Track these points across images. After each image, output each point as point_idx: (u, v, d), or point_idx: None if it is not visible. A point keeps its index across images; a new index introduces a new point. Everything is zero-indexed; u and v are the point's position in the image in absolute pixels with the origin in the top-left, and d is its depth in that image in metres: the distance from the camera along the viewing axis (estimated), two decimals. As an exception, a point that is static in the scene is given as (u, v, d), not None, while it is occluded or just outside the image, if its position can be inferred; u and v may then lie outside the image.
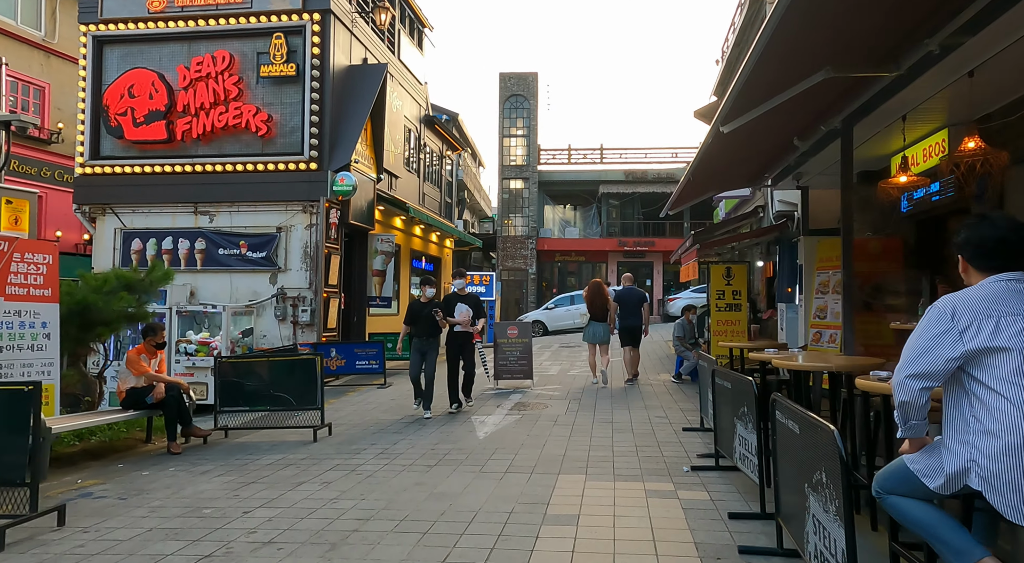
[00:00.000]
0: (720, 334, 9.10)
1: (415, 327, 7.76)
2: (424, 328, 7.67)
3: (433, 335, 7.72)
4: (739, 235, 10.90)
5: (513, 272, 29.60)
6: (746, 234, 10.44)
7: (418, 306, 7.83)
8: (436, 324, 7.56)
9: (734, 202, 13.53)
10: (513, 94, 29.59)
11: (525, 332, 9.89)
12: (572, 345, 17.44)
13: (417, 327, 7.74)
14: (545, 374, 11.46)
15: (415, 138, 16.24)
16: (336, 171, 11.03)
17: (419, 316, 7.68)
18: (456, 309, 7.82)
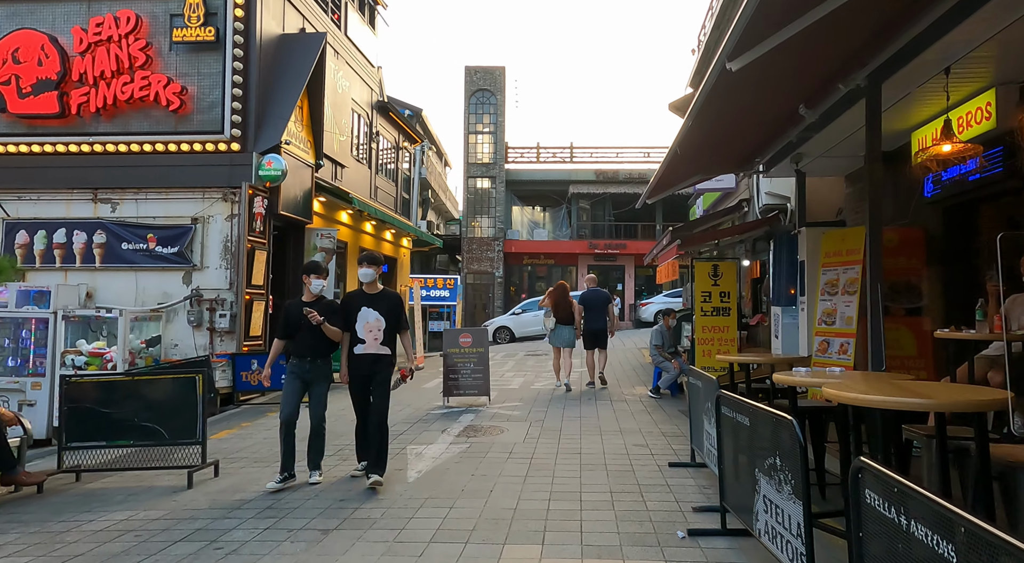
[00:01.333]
0: (706, 343, 7.85)
1: (293, 343, 5.02)
2: (307, 343, 4.92)
3: (321, 353, 5.02)
4: (724, 230, 9.69)
5: (479, 275, 28.18)
6: (733, 229, 9.24)
7: (297, 310, 4.96)
8: (327, 338, 4.93)
9: (715, 196, 12.36)
10: (480, 89, 28.23)
11: (480, 340, 8.47)
12: (539, 353, 16.07)
13: (297, 342, 4.98)
14: (505, 388, 10.05)
15: (366, 125, 14.73)
16: (263, 153, 9.48)
17: (300, 324, 4.92)
18: (361, 317, 4.90)
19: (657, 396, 9.05)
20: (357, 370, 5.02)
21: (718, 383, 3.91)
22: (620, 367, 12.80)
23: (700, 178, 7.60)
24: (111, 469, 5.05)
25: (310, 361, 4.99)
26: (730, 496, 3.54)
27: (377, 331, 4.96)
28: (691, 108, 4.93)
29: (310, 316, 4.81)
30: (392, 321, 5.04)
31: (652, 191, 7.76)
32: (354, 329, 4.96)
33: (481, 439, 6.34)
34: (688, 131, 5.24)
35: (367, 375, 5.01)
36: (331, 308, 5.07)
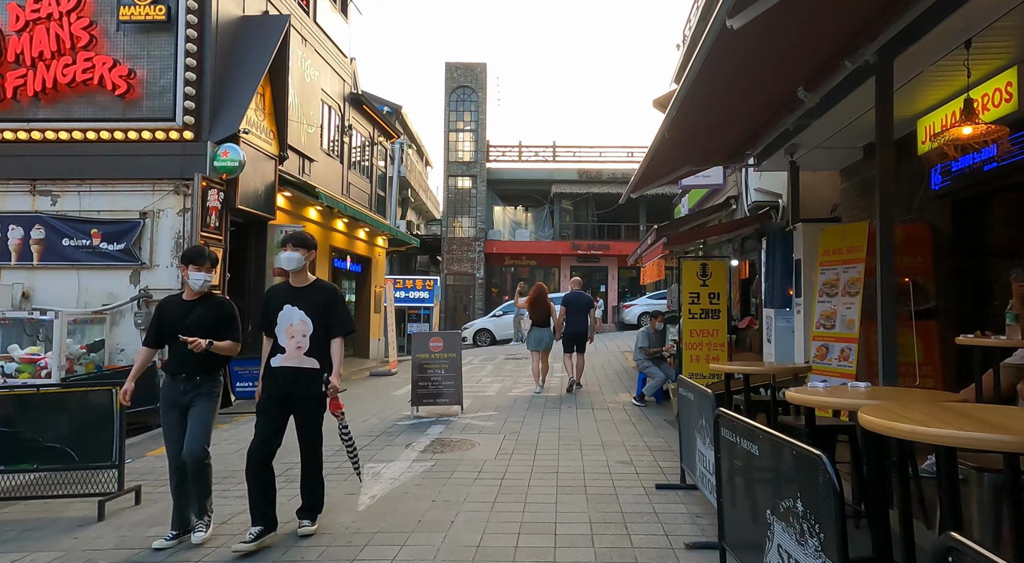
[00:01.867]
0: (694, 348, 7.30)
1: (170, 357, 3.80)
2: (181, 356, 3.70)
3: (202, 368, 3.73)
4: (712, 228, 9.17)
5: (459, 276, 27.52)
6: (721, 227, 8.71)
7: (173, 310, 3.81)
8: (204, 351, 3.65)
9: (701, 193, 11.86)
10: (460, 86, 27.61)
11: (452, 345, 7.85)
12: (519, 357, 15.47)
13: (170, 355, 3.79)
14: (481, 395, 9.43)
15: (338, 118, 14.03)
16: (219, 143, 8.77)
17: (172, 331, 3.73)
18: (283, 318, 3.75)
19: (642, 404, 8.50)
20: (272, 388, 3.75)
21: (716, 398, 3.33)
22: (603, 371, 12.25)
23: (688, 170, 7.06)
24: (12, 498, 4.34)
25: (185, 380, 3.71)
26: (730, 534, 2.96)
27: (301, 336, 3.71)
28: (683, 81, 4.37)
29: (192, 345, 3.56)
30: (322, 322, 3.74)
31: (637, 184, 7.20)
32: (275, 334, 3.80)
33: (448, 455, 5.71)
34: (680, 109, 4.68)
35: (283, 397, 3.73)
36: (223, 313, 3.82)
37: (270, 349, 3.84)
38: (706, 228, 9.33)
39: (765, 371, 4.36)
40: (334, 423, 4.00)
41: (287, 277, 4.00)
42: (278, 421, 3.78)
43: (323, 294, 3.90)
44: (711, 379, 7.30)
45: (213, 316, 3.81)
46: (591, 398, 9.17)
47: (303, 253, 3.88)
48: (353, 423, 7.29)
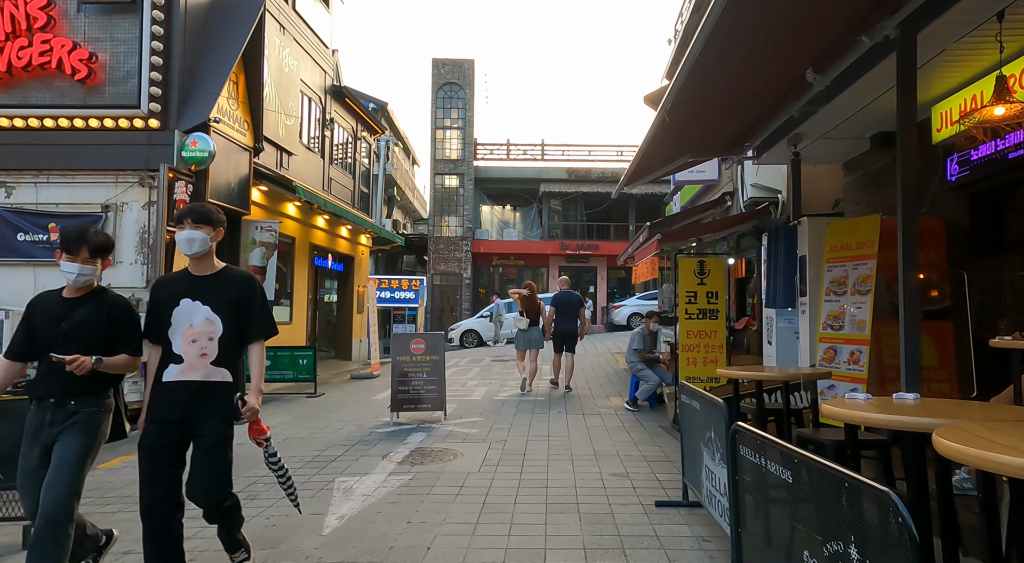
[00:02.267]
0: (691, 350, 6.90)
1: (35, 376, 2.87)
2: (47, 375, 2.78)
3: (81, 391, 2.78)
4: (708, 225, 8.78)
5: (446, 276, 27.04)
6: (717, 223, 8.33)
7: (49, 310, 2.86)
8: None
9: (695, 190, 11.50)
10: (447, 82, 27.13)
11: (435, 347, 7.38)
12: (507, 359, 15.03)
13: (36, 376, 2.85)
14: (466, 399, 8.97)
15: (319, 111, 13.52)
16: (187, 132, 8.25)
17: (43, 339, 2.80)
18: (179, 317, 2.87)
19: (635, 409, 8.08)
20: (163, 413, 2.79)
21: (728, 408, 2.91)
22: (593, 374, 11.84)
23: (685, 161, 6.66)
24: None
25: (55, 406, 2.76)
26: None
27: (207, 340, 2.84)
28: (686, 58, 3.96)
29: (73, 366, 2.66)
30: (235, 322, 2.90)
31: (632, 176, 6.79)
32: (167, 339, 2.84)
33: (428, 468, 5.25)
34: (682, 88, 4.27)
35: (179, 422, 2.79)
36: (116, 316, 2.87)
37: (159, 360, 2.86)
38: (701, 225, 8.96)
39: (779, 377, 3.94)
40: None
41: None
42: (174, 465, 2.79)
43: (236, 285, 2.96)
44: (710, 383, 6.91)
45: (101, 320, 2.82)
46: (581, 402, 8.74)
47: (207, 232, 2.92)
48: (328, 431, 6.82)
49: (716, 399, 3.08)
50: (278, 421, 7.47)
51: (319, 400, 9.20)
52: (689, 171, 10.21)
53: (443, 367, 7.38)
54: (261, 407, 2.96)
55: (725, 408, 2.94)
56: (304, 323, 12.66)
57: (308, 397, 9.42)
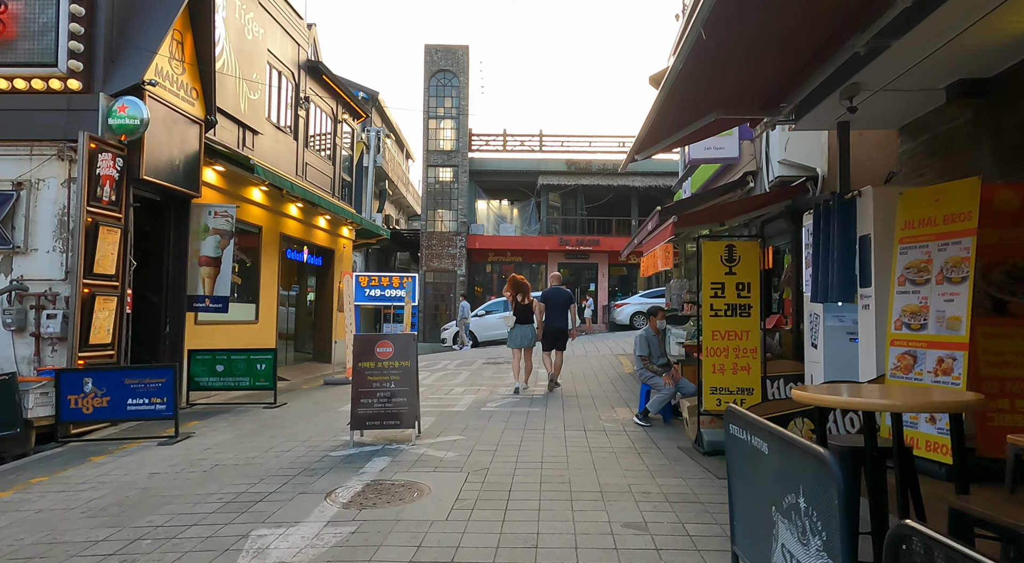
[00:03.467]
0: (717, 354, 5.62)
1: None
2: None
3: None
4: (733, 206, 7.48)
5: (439, 273, 25.76)
6: (745, 203, 7.02)
7: None
8: None
9: (709, 172, 10.20)
10: (441, 70, 25.84)
11: (405, 351, 6.09)
12: (500, 361, 13.74)
13: None
14: (448, 410, 7.69)
15: (291, 88, 12.23)
16: (116, 95, 6.98)
17: None
18: None
19: (646, 424, 6.81)
20: None
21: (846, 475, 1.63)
22: (595, 379, 10.56)
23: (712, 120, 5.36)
24: None
25: None
26: None
27: None
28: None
29: None
30: None
31: (645, 141, 5.50)
32: None
33: (381, 513, 3.97)
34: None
35: None
36: None
37: None
38: (725, 205, 7.67)
39: (903, 407, 2.61)
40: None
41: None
42: None
43: None
44: (740, 395, 5.63)
45: None
46: (583, 414, 7.47)
47: None
48: (272, 455, 5.54)
49: (820, 451, 1.79)
50: (218, 440, 6.19)
51: (277, 411, 7.92)
52: (706, 147, 8.93)
53: (415, 375, 6.09)
54: (205, 421, 1.73)
55: (839, 473, 1.65)
56: (273, 322, 11.37)
57: (266, 407, 8.14)
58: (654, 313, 7.46)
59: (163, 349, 8.28)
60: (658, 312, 7.34)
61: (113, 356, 7.01)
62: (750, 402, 5.52)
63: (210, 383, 8.26)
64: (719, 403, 5.59)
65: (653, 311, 7.51)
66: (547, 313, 9.00)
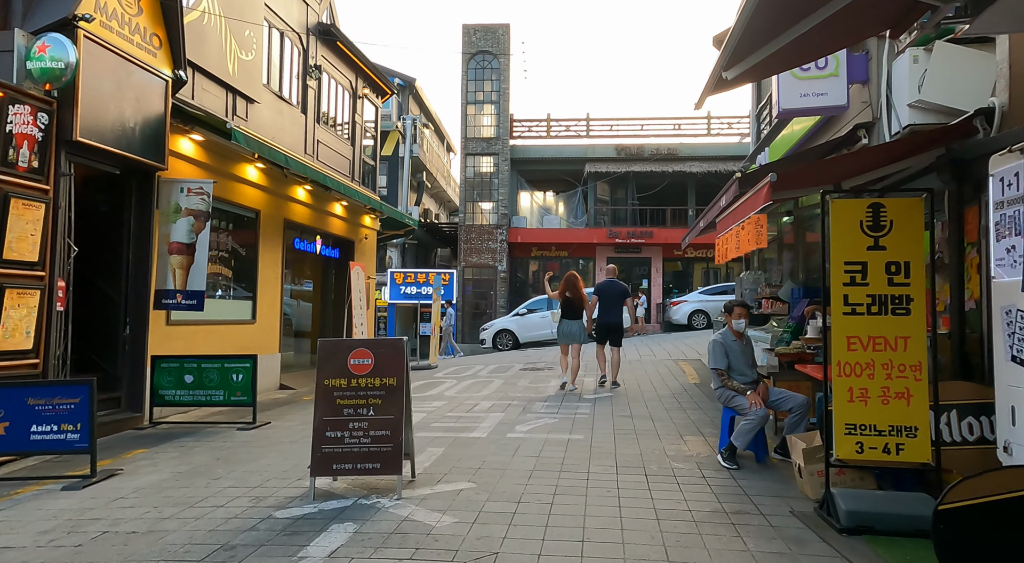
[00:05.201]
0: (858, 372, 3.60)
1: None
2: None
3: None
4: (861, 156, 5.33)
5: (479, 269, 24.08)
6: (880, 152, 4.89)
7: None
8: None
9: (799, 134, 8.04)
10: (480, 51, 24.15)
11: (391, 363, 4.32)
12: (541, 366, 11.90)
13: None
14: (464, 437, 5.90)
15: (298, 54, 10.71)
16: (37, 32, 5.48)
17: None
18: None
19: (733, 465, 4.84)
20: None
21: None
22: (653, 391, 8.57)
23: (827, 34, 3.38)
24: None
25: None
26: None
27: None
28: None
29: None
30: None
31: (740, 44, 3.54)
32: None
33: None
34: None
35: None
36: None
37: None
38: (841, 160, 5.56)
39: None
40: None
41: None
42: None
43: None
44: (889, 436, 3.61)
45: None
46: (641, 445, 5.55)
47: None
48: (198, 510, 3.84)
49: None
50: (143, 483, 4.58)
51: (252, 435, 6.31)
52: (802, 93, 6.84)
53: (405, 396, 4.31)
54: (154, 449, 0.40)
55: None
56: (276, 322, 9.85)
57: (241, 429, 6.54)
58: (730, 309, 5.44)
59: (122, 356, 6.78)
60: (738, 308, 5.33)
61: (38, 366, 5.51)
62: (914, 449, 3.50)
63: (177, 397, 6.72)
64: (860, 449, 3.60)
65: (731, 306, 5.49)
66: (601, 306, 8.62)
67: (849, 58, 6.88)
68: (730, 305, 5.50)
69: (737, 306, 5.42)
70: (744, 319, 5.24)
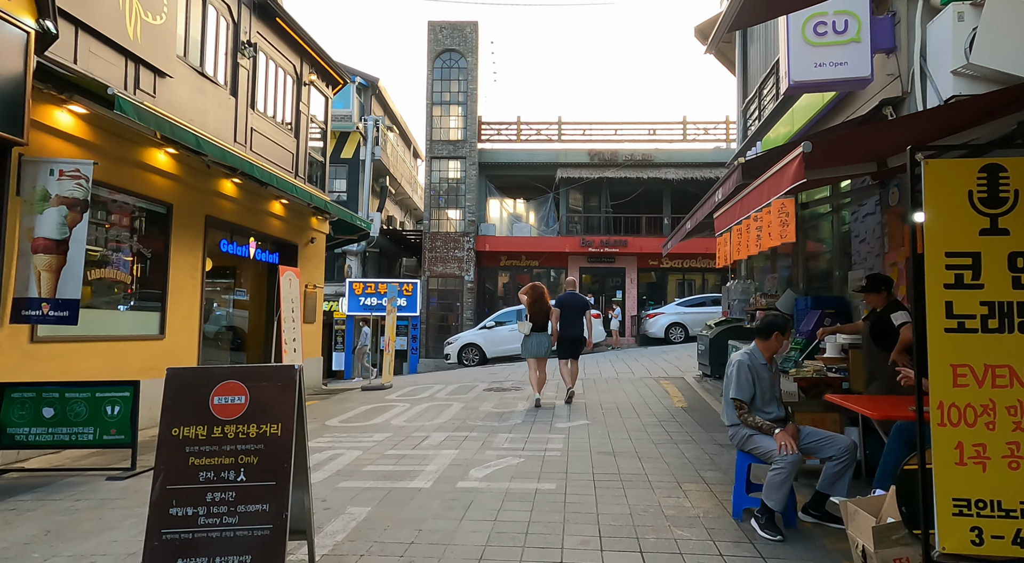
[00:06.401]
0: (967, 419, 2.42)
1: None
2: None
3: None
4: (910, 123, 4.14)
5: (444, 279, 22.69)
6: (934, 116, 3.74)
7: None
8: None
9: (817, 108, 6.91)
10: (446, 49, 22.93)
11: (276, 402, 2.94)
12: (509, 386, 10.56)
13: None
14: (401, 487, 4.51)
15: (226, 26, 9.28)
16: None
17: None
18: None
19: (777, 536, 3.56)
20: None
21: None
22: (636, 419, 7.28)
23: None
24: None
25: None
26: None
27: None
28: None
29: None
30: None
31: None
32: None
33: None
34: None
35: None
36: None
37: None
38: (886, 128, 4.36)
39: None
40: None
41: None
42: None
43: None
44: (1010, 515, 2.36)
45: None
46: (630, 499, 4.25)
47: None
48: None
49: None
50: None
51: (123, 486, 4.82)
52: (816, 62, 5.70)
53: (294, 450, 2.93)
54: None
55: None
56: (194, 338, 8.33)
57: (112, 478, 5.04)
58: (771, 330, 3.98)
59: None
60: (782, 326, 4.01)
61: None
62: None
63: (32, 437, 5.19)
64: (978, 538, 2.34)
65: (771, 326, 4.02)
66: (562, 320, 8.45)
67: (873, 23, 5.77)
68: (774, 324, 4.00)
69: (783, 322, 4.05)
70: (785, 340, 3.99)
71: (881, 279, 4.73)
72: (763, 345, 3.98)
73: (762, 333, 3.98)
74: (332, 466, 5.35)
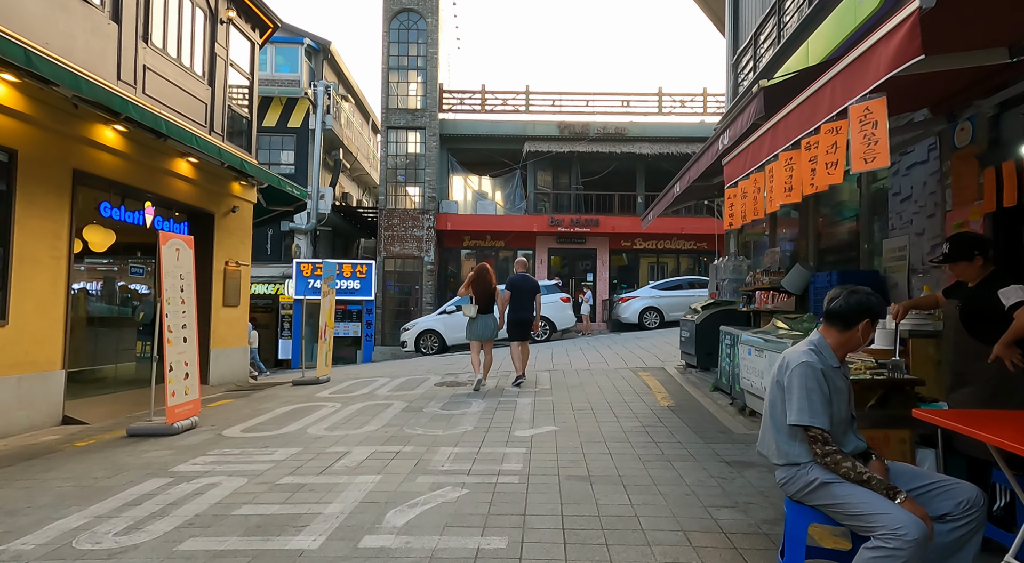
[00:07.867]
0: None
1: None
2: None
3: None
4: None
5: (402, 260, 20.96)
6: None
7: None
8: None
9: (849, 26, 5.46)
10: (404, 9, 20.98)
11: None
12: (464, 380, 9.00)
13: None
14: (271, 552, 2.92)
15: (107, -66, 7.38)
16: None
17: None
18: None
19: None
20: None
21: None
22: (617, 423, 5.76)
23: None
24: None
25: None
26: None
27: None
28: None
29: None
30: None
31: None
32: None
33: None
34: None
35: None
36: None
37: None
38: None
39: None
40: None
41: None
42: None
43: None
44: None
45: None
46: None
47: None
48: None
49: None
50: None
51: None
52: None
53: None
54: None
55: None
56: (58, 324, 6.55)
57: None
58: (859, 316, 2.40)
59: None
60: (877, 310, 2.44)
61: None
62: None
63: None
64: None
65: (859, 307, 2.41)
66: (512, 302, 8.28)
67: None
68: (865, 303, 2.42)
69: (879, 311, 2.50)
70: (873, 329, 2.47)
71: (974, 240, 3.30)
72: (838, 339, 2.47)
73: (840, 319, 2.45)
74: (191, 508, 3.73)
